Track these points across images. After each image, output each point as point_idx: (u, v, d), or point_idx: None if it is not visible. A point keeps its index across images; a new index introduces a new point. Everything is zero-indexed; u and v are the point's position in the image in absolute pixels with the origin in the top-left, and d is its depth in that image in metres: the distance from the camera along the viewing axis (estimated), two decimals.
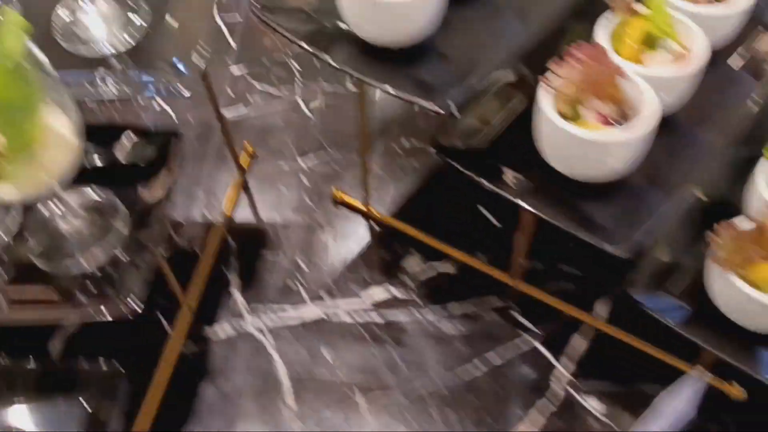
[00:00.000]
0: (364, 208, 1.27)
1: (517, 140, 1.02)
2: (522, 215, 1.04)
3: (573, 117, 0.95)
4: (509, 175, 1.01)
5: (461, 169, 0.99)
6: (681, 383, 0.90)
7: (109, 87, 1.03)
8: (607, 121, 0.95)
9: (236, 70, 1.51)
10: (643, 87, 0.94)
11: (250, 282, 1.20)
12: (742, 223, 0.93)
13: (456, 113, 0.97)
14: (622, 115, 0.96)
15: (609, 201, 0.98)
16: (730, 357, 0.93)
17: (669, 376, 1.04)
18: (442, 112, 0.89)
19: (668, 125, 1.05)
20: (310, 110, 1.43)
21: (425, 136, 1.38)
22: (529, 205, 0.96)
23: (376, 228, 1.26)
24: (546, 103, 0.94)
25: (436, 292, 1.18)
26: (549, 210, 0.96)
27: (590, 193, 0.99)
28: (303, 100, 1.45)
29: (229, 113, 1.44)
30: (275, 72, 1.50)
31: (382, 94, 1.37)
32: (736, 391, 1.03)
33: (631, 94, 0.96)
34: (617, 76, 0.93)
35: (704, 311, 0.97)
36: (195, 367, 1.11)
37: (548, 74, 0.93)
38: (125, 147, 1.05)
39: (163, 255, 1.06)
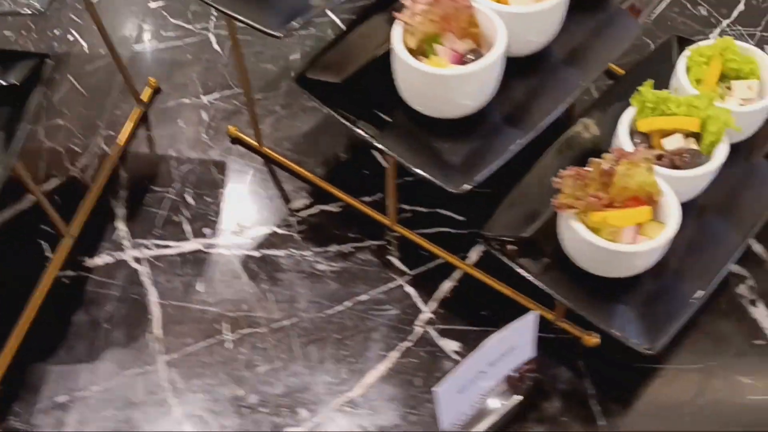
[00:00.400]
0: (257, 147, 1.27)
1: (384, 76, 1.01)
2: (384, 154, 1.03)
3: (427, 53, 0.94)
4: (368, 112, 1.00)
5: (319, 103, 0.99)
6: (514, 323, 0.90)
7: None
8: (460, 59, 0.93)
9: (153, 3, 1.49)
10: (497, 23, 0.93)
11: (135, 214, 1.21)
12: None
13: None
14: (479, 53, 0.95)
15: (462, 139, 0.97)
16: (571, 301, 0.93)
17: None
18: (275, 35, 0.88)
19: (536, 64, 1.03)
20: (221, 47, 1.42)
21: None
22: (380, 143, 0.96)
23: (269, 166, 1.26)
24: (396, 38, 0.93)
25: (316, 230, 1.18)
26: (399, 148, 0.96)
27: (446, 131, 0.98)
28: (215, 37, 1.44)
29: (140, 47, 1.43)
30: (191, 7, 1.48)
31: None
32: (590, 339, 1.03)
33: (488, 31, 0.94)
34: (470, 11, 0.92)
35: (556, 256, 0.97)
36: (70, 294, 1.12)
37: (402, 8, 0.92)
38: None
39: (29, 182, 1.07)
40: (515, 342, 0.91)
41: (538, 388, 1.00)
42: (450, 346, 1.06)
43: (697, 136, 0.98)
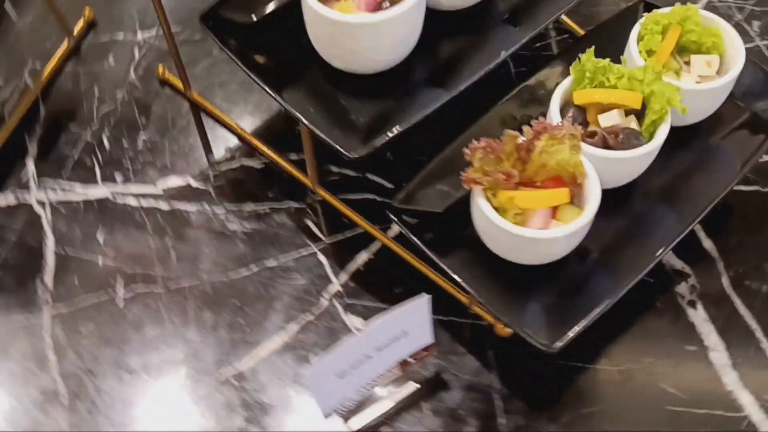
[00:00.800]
0: (183, 91, 1.18)
1: (301, 22, 0.91)
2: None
3: None
4: (277, 61, 0.90)
5: (220, 46, 0.89)
6: (402, 306, 0.81)
7: None
8: (377, 6, 0.83)
9: None
10: None
11: (47, 153, 1.13)
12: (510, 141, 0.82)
13: None
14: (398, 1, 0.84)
15: (374, 98, 0.88)
16: (474, 287, 0.84)
17: (442, 299, 0.96)
18: None
19: (472, 17, 0.92)
20: None
21: None
22: (282, 96, 0.86)
23: (195, 113, 1.17)
24: None
25: (234, 187, 1.09)
26: (302, 103, 0.86)
27: (357, 88, 0.88)
28: None
29: None
30: None
31: None
32: (503, 328, 0.93)
33: None
34: None
35: (470, 236, 0.88)
36: None
37: None
38: None
39: None
40: (407, 326, 0.82)
41: (438, 378, 0.91)
42: (355, 322, 0.97)
43: (642, 114, 0.87)
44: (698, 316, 0.95)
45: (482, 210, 0.79)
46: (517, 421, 0.88)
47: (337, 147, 0.82)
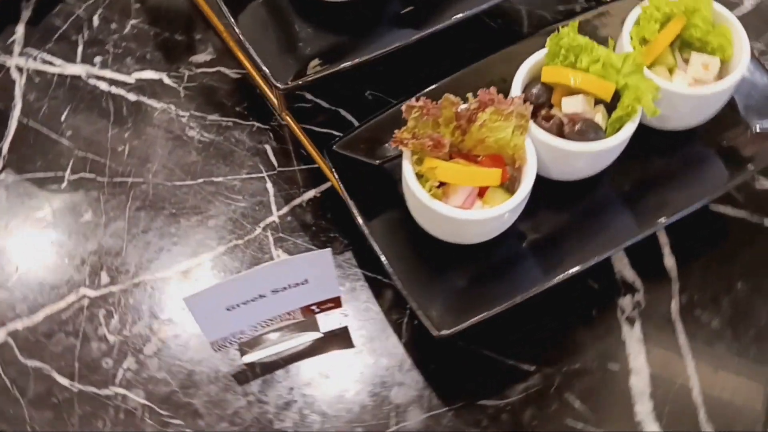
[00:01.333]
0: None
1: None
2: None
3: None
4: None
5: None
6: (304, 255, 0.77)
7: None
8: None
9: None
10: None
11: (38, 21, 1.11)
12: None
13: None
14: None
15: (325, 31, 0.82)
16: (384, 250, 0.79)
17: (374, 255, 0.91)
18: None
19: None
20: None
21: None
22: (233, 14, 0.81)
23: (191, 7, 1.12)
24: None
25: (204, 92, 1.05)
26: (252, 24, 0.81)
27: (316, 18, 0.82)
28: None
29: None
30: None
31: None
32: None
33: None
34: None
35: (396, 197, 0.82)
36: None
37: None
38: None
39: None
40: (309, 276, 0.78)
41: (343, 333, 0.88)
42: (282, 257, 0.94)
43: (614, 106, 0.78)
44: (633, 335, 0.88)
45: (404, 173, 0.74)
46: (408, 394, 0.84)
47: (267, 72, 0.77)
